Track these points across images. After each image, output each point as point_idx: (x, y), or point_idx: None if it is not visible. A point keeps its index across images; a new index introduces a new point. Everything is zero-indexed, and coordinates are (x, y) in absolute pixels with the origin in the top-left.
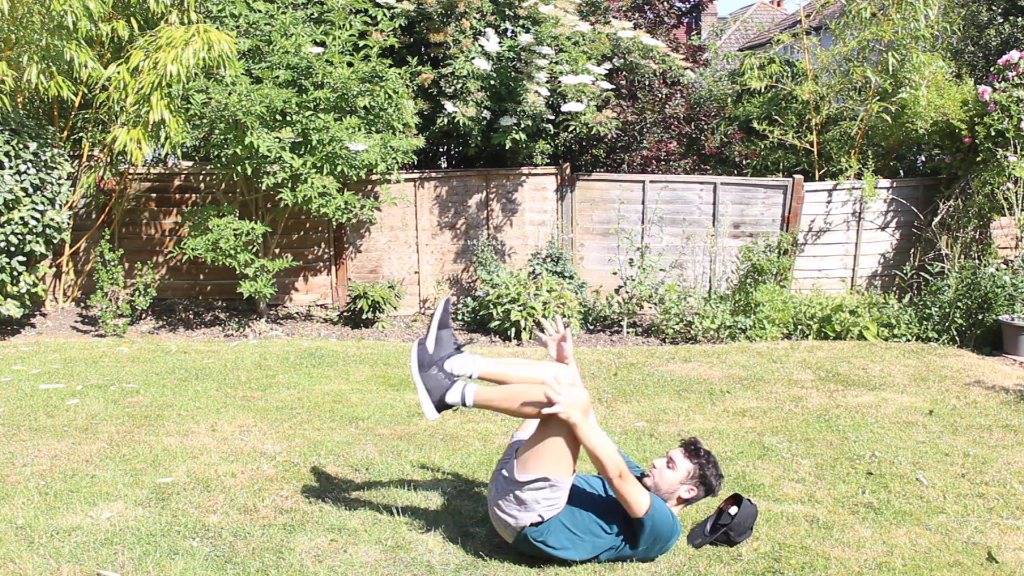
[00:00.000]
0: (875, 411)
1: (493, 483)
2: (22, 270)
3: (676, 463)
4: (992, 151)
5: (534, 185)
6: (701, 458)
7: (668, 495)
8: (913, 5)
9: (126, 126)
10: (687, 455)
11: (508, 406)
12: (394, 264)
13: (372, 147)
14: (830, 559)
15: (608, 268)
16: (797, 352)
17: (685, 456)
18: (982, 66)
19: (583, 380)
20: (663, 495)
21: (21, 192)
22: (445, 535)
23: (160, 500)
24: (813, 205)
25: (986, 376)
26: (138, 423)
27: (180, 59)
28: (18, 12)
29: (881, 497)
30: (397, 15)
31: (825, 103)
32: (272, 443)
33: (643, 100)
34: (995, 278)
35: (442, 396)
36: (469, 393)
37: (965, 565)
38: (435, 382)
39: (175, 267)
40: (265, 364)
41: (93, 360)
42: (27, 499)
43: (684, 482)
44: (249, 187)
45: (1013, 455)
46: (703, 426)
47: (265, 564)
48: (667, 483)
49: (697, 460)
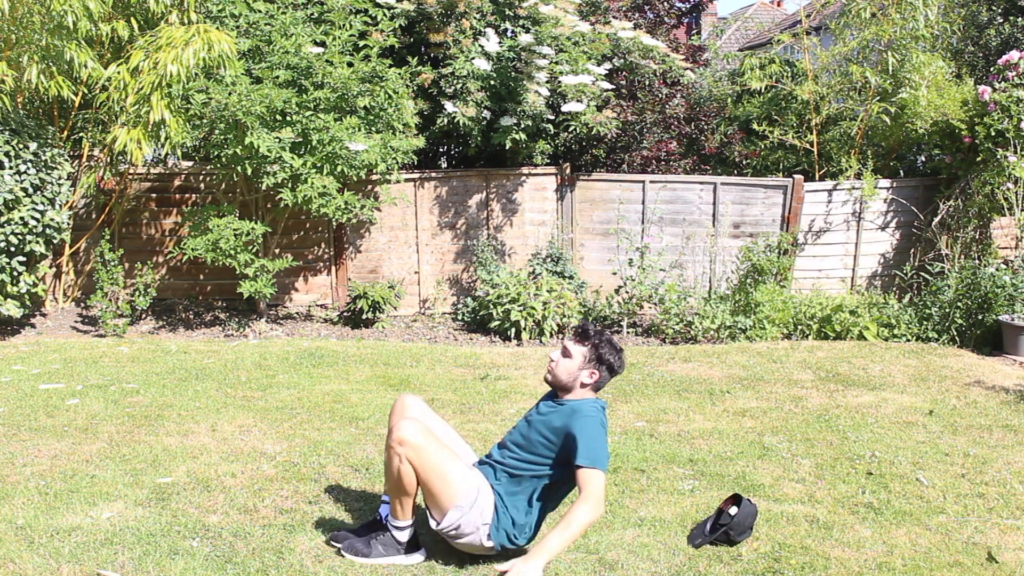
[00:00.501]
0: (875, 411)
1: None
2: (22, 270)
3: (570, 350)
4: (992, 151)
5: (534, 185)
6: (592, 338)
7: (571, 384)
8: (913, 5)
9: (126, 126)
10: (578, 340)
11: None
12: (394, 264)
13: (372, 147)
14: (830, 559)
15: (608, 268)
16: (797, 352)
17: (576, 342)
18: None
19: None
20: (567, 385)
21: (21, 192)
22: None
23: (160, 500)
24: (813, 205)
25: (986, 376)
26: (138, 423)
27: (180, 59)
28: (18, 12)
29: (881, 497)
30: (397, 15)
31: (825, 103)
32: (272, 443)
33: (643, 100)
34: (995, 278)
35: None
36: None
37: (965, 565)
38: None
39: (175, 267)
40: (265, 364)
41: (93, 360)
42: (27, 499)
43: (583, 367)
44: (249, 187)
45: (1013, 455)
46: (703, 426)
47: (265, 564)
48: (566, 372)
49: (589, 341)
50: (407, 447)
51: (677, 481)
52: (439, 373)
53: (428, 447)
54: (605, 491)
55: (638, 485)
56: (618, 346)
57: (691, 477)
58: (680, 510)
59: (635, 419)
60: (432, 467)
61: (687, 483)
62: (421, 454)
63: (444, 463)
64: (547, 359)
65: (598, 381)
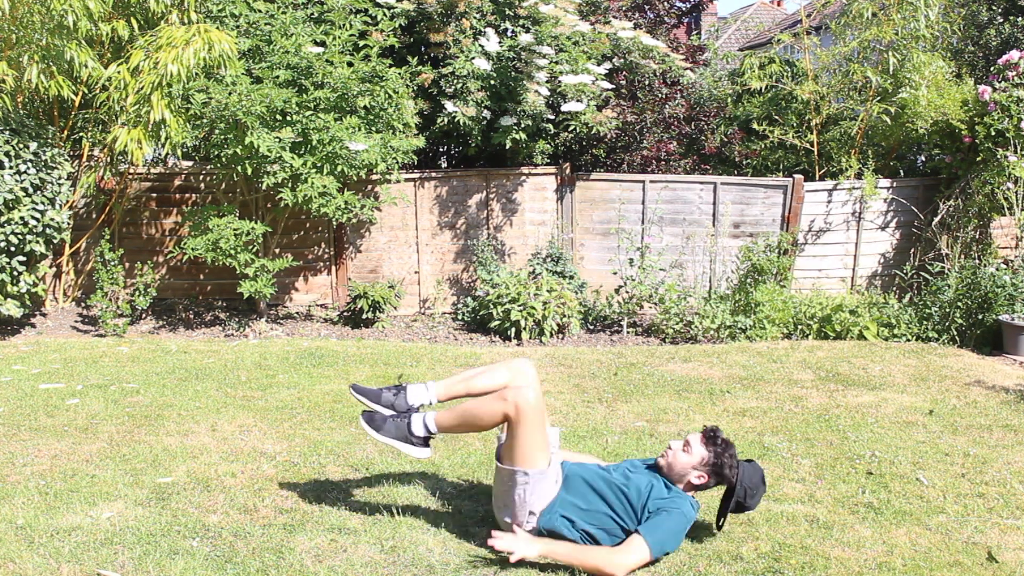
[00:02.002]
0: (875, 411)
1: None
2: (22, 270)
3: (692, 447)
4: (992, 151)
5: (534, 185)
6: (718, 447)
7: (679, 478)
8: (914, 5)
9: (126, 126)
10: (704, 442)
11: (469, 426)
12: (394, 264)
13: (372, 147)
14: (830, 559)
15: (608, 268)
16: (797, 352)
17: (702, 443)
18: (982, 66)
19: (583, 380)
20: (674, 477)
21: (21, 192)
22: (445, 535)
23: (160, 500)
24: (813, 205)
25: (986, 376)
26: (138, 423)
27: (180, 59)
28: (18, 12)
29: (881, 497)
30: (397, 15)
31: (825, 103)
32: (272, 443)
33: (643, 100)
34: (995, 278)
35: (409, 435)
36: (430, 420)
37: (965, 565)
38: (395, 429)
39: (175, 267)
40: (265, 364)
41: (93, 360)
42: (27, 499)
43: (696, 468)
44: (249, 187)
45: (1013, 455)
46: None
47: (265, 564)
48: (680, 465)
49: (713, 448)
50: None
51: None
52: (439, 373)
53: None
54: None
55: None
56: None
57: None
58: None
59: (635, 419)
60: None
61: None
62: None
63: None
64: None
65: (703, 485)
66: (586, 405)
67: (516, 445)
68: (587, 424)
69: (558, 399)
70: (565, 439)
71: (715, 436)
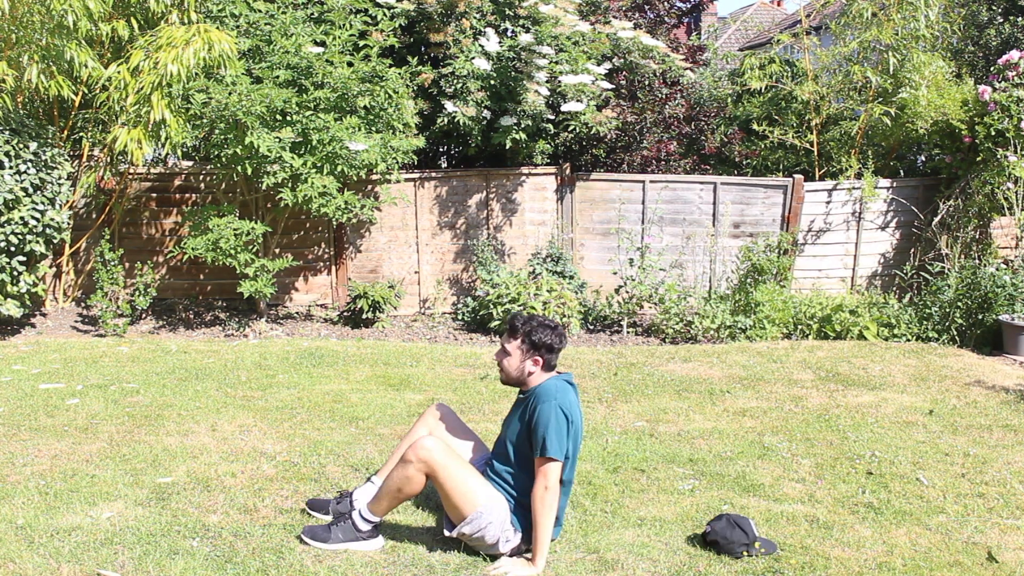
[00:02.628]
0: (875, 411)
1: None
2: (22, 270)
3: (507, 348)
4: (992, 151)
5: (534, 185)
6: (520, 329)
7: (523, 377)
8: (914, 5)
9: (126, 126)
10: (510, 336)
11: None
12: (394, 264)
13: (372, 147)
14: (830, 559)
15: (608, 268)
16: (797, 352)
17: (510, 338)
18: (982, 66)
19: (583, 380)
20: (520, 380)
21: (21, 192)
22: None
23: (160, 500)
24: (813, 205)
25: (986, 376)
26: (138, 423)
27: (180, 59)
28: (18, 12)
29: (881, 497)
30: (397, 15)
31: (825, 103)
32: (272, 443)
33: (643, 100)
34: (995, 278)
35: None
36: (366, 512)
37: (965, 565)
38: (343, 533)
39: (175, 267)
40: (265, 364)
41: (93, 360)
42: (27, 499)
43: (524, 358)
44: (249, 187)
45: (1013, 455)
46: (703, 426)
47: (265, 564)
48: (515, 370)
49: (520, 333)
50: (428, 463)
51: (677, 481)
52: (439, 373)
53: (449, 465)
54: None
55: (638, 485)
56: (550, 324)
57: (691, 477)
58: (680, 510)
59: (635, 419)
60: (451, 479)
61: (687, 483)
62: (438, 470)
63: (464, 478)
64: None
65: (546, 363)
66: (586, 405)
67: (451, 495)
68: (587, 424)
69: None
70: None
71: (513, 325)
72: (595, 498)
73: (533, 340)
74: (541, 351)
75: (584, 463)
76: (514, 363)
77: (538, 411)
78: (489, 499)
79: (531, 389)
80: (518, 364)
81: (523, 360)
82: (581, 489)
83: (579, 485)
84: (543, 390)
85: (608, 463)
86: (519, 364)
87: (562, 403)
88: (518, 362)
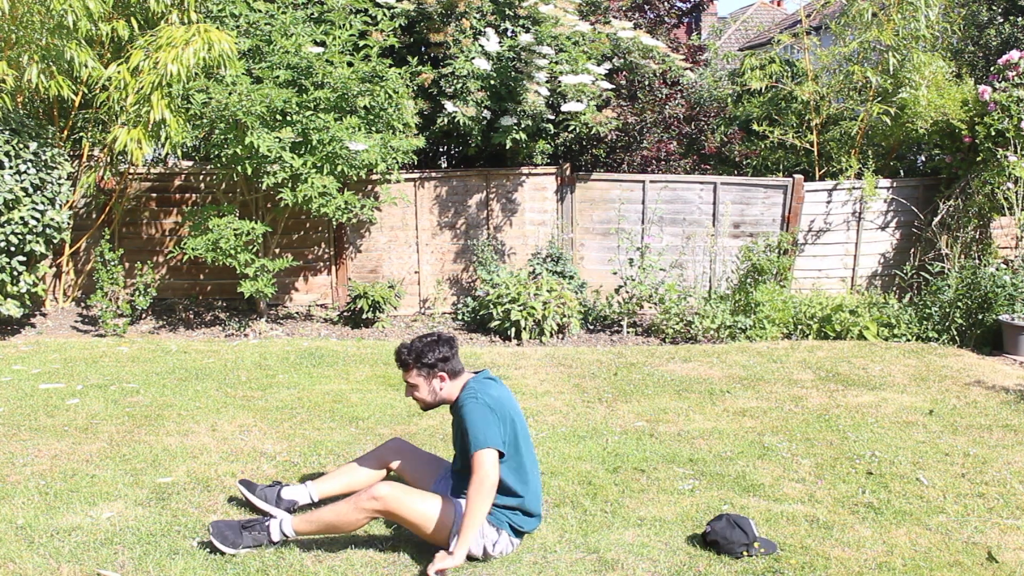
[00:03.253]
0: (875, 411)
1: None
2: (22, 270)
3: (414, 383)
4: (992, 151)
5: (534, 185)
6: (410, 361)
7: (439, 399)
8: (914, 5)
9: (126, 126)
10: (405, 371)
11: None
12: (394, 264)
13: (372, 147)
14: (830, 559)
15: (608, 268)
16: (797, 352)
17: (408, 373)
18: (982, 66)
19: (583, 380)
20: (439, 403)
21: (21, 192)
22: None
23: (160, 500)
24: (813, 205)
25: (986, 376)
26: (138, 423)
27: (180, 59)
28: (18, 12)
29: (881, 497)
30: (397, 15)
31: (825, 103)
32: (272, 443)
33: (643, 100)
34: (995, 278)
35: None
36: (287, 527)
37: (965, 565)
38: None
39: (175, 267)
40: (265, 364)
41: (93, 360)
42: (27, 499)
43: (431, 380)
44: (249, 187)
45: (1013, 455)
46: (703, 426)
47: (265, 564)
48: (428, 395)
49: (413, 366)
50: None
51: (677, 481)
52: None
53: (403, 503)
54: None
55: (638, 485)
56: (431, 337)
57: (691, 477)
58: (680, 510)
59: (635, 419)
60: (413, 514)
61: (687, 483)
62: (398, 510)
63: (425, 510)
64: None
65: (450, 373)
66: (586, 405)
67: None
68: (587, 424)
69: (558, 399)
70: (565, 439)
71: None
72: (595, 498)
73: (426, 363)
74: (438, 367)
75: (584, 463)
76: (424, 392)
77: (463, 414)
78: (457, 516)
79: (455, 401)
80: (428, 390)
81: (429, 384)
82: (581, 489)
83: (579, 485)
84: (463, 397)
85: (608, 463)
86: (429, 389)
87: (481, 397)
88: (427, 389)
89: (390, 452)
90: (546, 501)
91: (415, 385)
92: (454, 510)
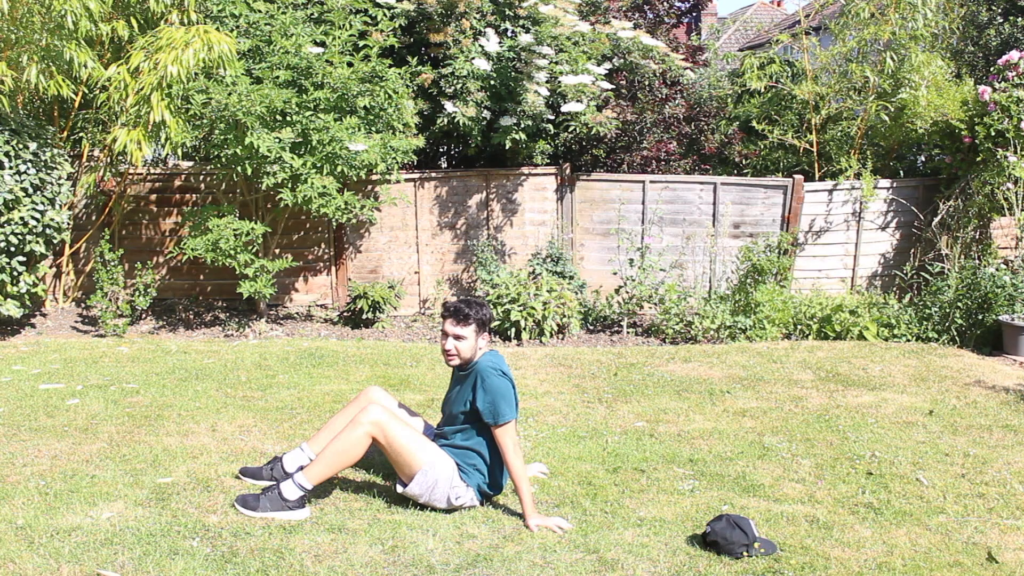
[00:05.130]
0: (875, 411)
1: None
2: (22, 270)
3: (463, 335)
4: (992, 151)
5: (534, 185)
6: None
7: (475, 357)
8: (912, 5)
9: (126, 126)
10: (461, 324)
11: (341, 463)
12: (394, 264)
13: (372, 147)
14: (830, 559)
15: (608, 268)
16: (797, 352)
17: (462, 325)
18: (982, 66)
19: (583, 380)
20: (473, 359)
21: (21, 192)
22: (445, 535)
23: (160, 500)
24: (813, 205)
25: (986, 376)
26: (138, 423)
27: (180, 60)
28: (18, 12)
29: (881, 497)
30: (397, 15)
31: (825, 103)
32: (272, 443)
33: (643, 100)
34: (995, 278)
35: (284, 502)
36: (301, 479)
37: (965, 565)
38: (270, 503)
39: (175, 267)
40: (265, 364)
41: (93, 360)
42: (27, 499)
43: (480, 336)
44: (249, 187)
45: (1013, 455)
46: (703, 426)
47: (265, 564)
48: (471, 352)
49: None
50: (379, 425)
51: (677, 481)
52: (439, 373)
53: (392, 424)
54: (515, 429)
55: (638, 485)
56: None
57: (691, 477)
58: (680, 510)
59: (635, 419)
60: (398, 439)
61: (687, 483)
62: (387, 430)
63: (410, 438)
64: (442, 351)
65: (488, 336)
66: (586, 405)
67: (401, 454)
68: (587, 424)
69: (558, 399)
70: (565, 439)
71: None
72: (595, 498)
73: (482, 320)
74: (487, 327)
75: (584, 463)
76: (470, 345)
77: (487, 384)
78: (435, 457)
79: (472, 364)
80: (473, 345)
81: (476, 340)
82: (581, 489)
83: (579, 485)
84: (483, 363)
85: (608, 463)
86: (474, 345)
87: (508, 373)
88: (473, 343)
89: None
90: (546, 501)
91: (464, 337)
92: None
